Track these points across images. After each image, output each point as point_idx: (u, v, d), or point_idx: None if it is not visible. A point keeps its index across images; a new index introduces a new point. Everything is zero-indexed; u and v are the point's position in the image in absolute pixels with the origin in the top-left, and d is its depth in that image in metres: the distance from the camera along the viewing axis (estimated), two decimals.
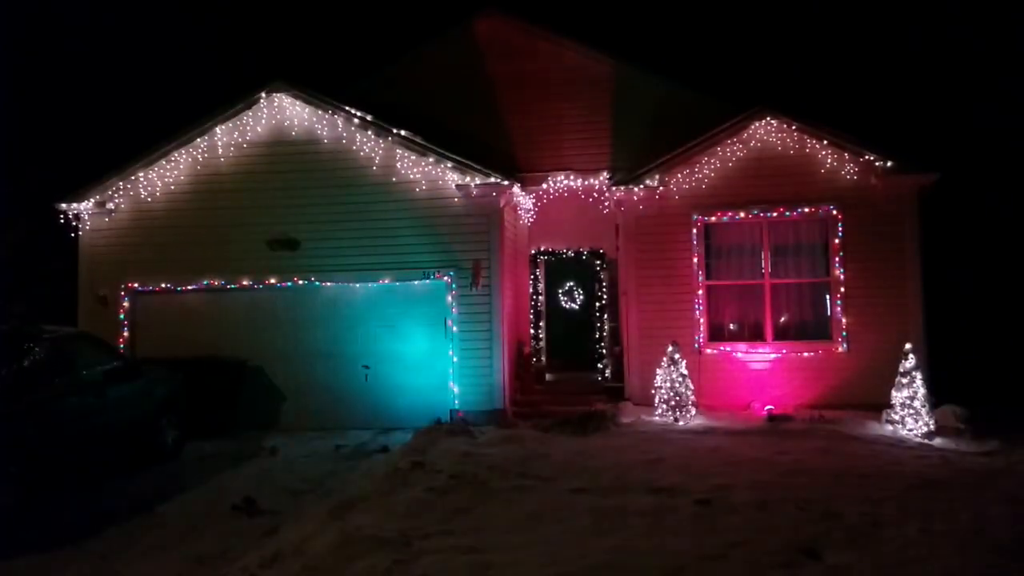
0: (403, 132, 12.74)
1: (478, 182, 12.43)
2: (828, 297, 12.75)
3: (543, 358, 15.09)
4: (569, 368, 14.86)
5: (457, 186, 12.50)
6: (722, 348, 12.85)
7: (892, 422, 10.91)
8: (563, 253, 15.14)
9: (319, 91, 13.18)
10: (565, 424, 11.37)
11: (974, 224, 18.21)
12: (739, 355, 12.78)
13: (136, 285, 13.22)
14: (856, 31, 25.42)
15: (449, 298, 12.55)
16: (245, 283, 13.00)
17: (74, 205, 13.26)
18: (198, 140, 13.13)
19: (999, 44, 21.00)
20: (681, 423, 11.52)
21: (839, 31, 25.43)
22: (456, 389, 12.44)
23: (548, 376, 14.73)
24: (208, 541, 6.78)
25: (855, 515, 6.71)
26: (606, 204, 13.99)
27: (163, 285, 13.16)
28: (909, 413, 10.70)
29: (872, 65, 23.49)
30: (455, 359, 12.48)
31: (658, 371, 11.94)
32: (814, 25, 25.17)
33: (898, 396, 10.86)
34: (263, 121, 13.07)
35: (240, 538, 6.74)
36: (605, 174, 14.29)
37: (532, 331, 14.99)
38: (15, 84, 22.59)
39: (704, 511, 6.96)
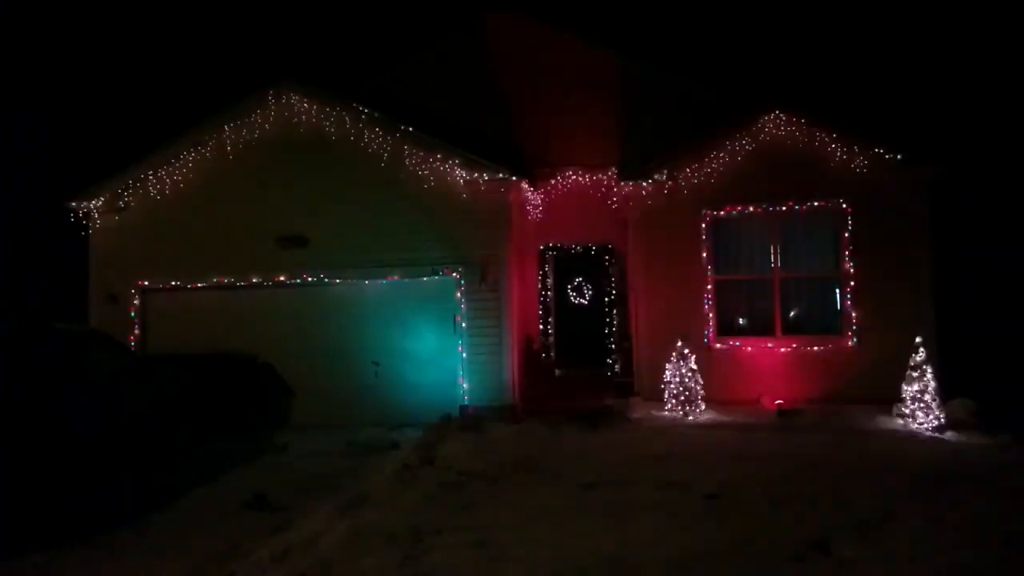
0: (411, 129, 12.74)
1: (486, 178, 12.44)
2: (838, 291, 12.70)
3: (552, 354, 15.09)
4: (578, 363, 14.86)
5: (465, 182, 12.50)
6: (732, 343, 12.82)
7: (903, 416, 10.87)
8: (572, 248, 15.13)
9: (328, 88, 13.20)
10: (574, 419, 11.38)
11: (985, 216, 18.10)
12: (749, 349, 12.75)
13: (146, 283, 13.28)
14: (864, 24, 25.29)
15: (458, 294, 12.56)
16: (255, 280, 13.05)
17: (84, 203, 13.32)
18: (207, 138, 13.17)
19: (1008, 35, 20.85)
20: (691, 418, 11.51)
21: (847, 25, 25.31)
22: (466, 385, 12.46)
23: (557, 371, 14.75)
24: (219, 537, 6.80)
25: (865, 509, 6.71)
26: (615, 199, 13.97)
27: (173, 283, 13.22)
28: (920, 407, 10.66)
29: (881, 58, 23.37)
30: (464, 355, 12.49)
31: (667, 366, 11.92)
32: (822, 19, 25.06)
33: (908, 390, 10.81)
34: (272, 118, 13.09)
35: (251, 534, 6.77)
36: (614, 169, 14.27)
37: (541, 327, 15.00)
38: (26, 83, 22.72)
39: (713, 505, 6.97)
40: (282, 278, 12.99)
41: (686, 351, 11.79)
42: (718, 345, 12.80)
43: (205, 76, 25.51)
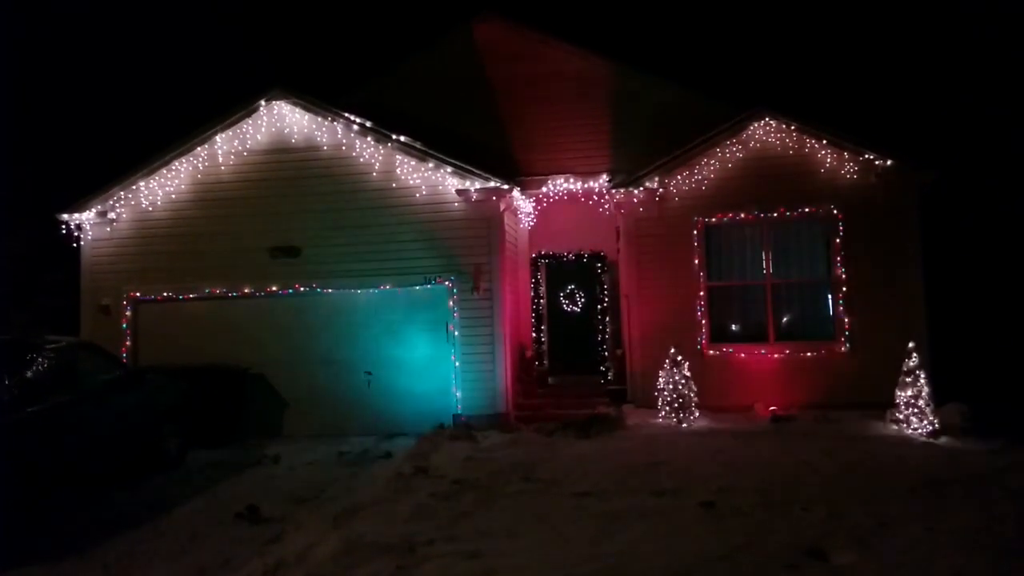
0: (402, 138, 12.74)
1: (478, 186, 12.43)
2: (830, 297, 12.72)
3: (545, 361, 15.05)
4: (571, 371, 14.82)
5: (457, 191, 12.50)
6: (725, 349, 12.81)
7: (896, 421, 10.87)
8: (564, 256, 15.12)
9: (318, 98, 13.19)
10: (568, 427, 11.35)
11: (976, 220, 18.17)
12: (742, 356, 12.74)
13: (138, 294, 13.23)
14: (854, 29, 25.44)
15: (450, 303, 12.54)
16: (247, 291, 13.01)
17: (76, 215, 13.28)
18: (198, 148, 13.15)
19: (998, 39, 20.99)
20: (684, 425, 11.50)
21: (837, 30, 25.46)
22: (458, 394, 12.42)
23: (550, 379, 14.70)
24: (211, 549, 6.76)
25: (860, 515, 6.70)
26: (606, 206, 13.97)
27: (165, 294, 13.17)
28: (913, 412, 10.67)
29: (871, 63, 23.51)
30: (457, 364, 12.46)
31: (661, 373, 11.92)
32: (812, 25, 25.20)
33: (902, 395, 10.82)
34: (263, 129, 13.08)
35: (243, 546, 6.73)
36: (605, 176, 14.28)
37: (534, 334, 14.97)
38: (17, 94, 22.66)
39: (709, 513, 6.95)
40: (274, 288, 12.95)
41: (679, 358, 11.78)
42: (711, 352, 12.79)
43: (196, 86, 25.50)
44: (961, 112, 20.24)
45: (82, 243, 13.42)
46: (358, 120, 12.84)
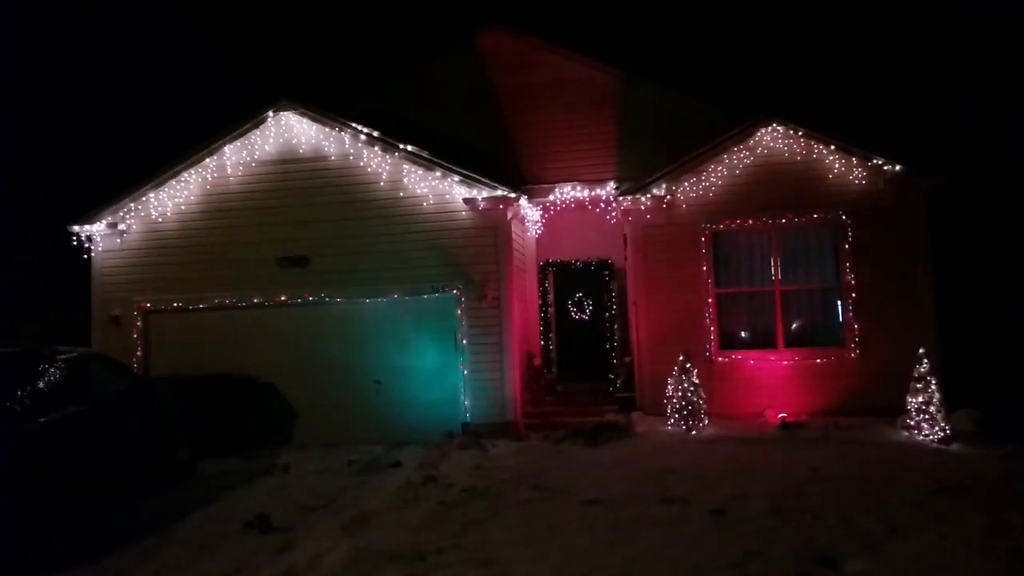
0: (409, 147, 12.79)
1: (485, 195, 12.46)
2: (839, 303, 12.67)
3: (553, 369, 15.06)
4: (580, 379, 14.81)
5: (464, 200, 12.53)
6: (734, 356, 12.78)
7: (907, 428, 10.81)
8: (571, 264, 15.13)
9: (326, 109, 13.26)
10: (577, 435, 11.33)
11: (981, 221, 18.10)
12: (751, 363, 12.71)
13: (148, 304, 13.29)
14: (861, 35, 25.43)
15: (458, 311, 12.56)
16: (256, 300, 13.05)
17: (86, 227, 13.36)
18: (207, 159, 13.22)
19: (1006, 43, 20.95)
20: (694, 432, 11.46)
21: (844, 36, 25.45)
22: (467, 402, 12.43)
23: (559, 387, 14.71)
24: (221, 558, 6.77)
25: (871, 522, 6.67)
26: (613, 214, 13.97)
27: (175, 304, 13.23)
28: (924, 418, 10.60)
29: (878, 69, 23.49)
30: (465, 372, 12.47)
31: (669, 380, 11.88)
32: (819, 31, 25.21)
33: (913, 401, 10.76)
34: (271, 139, 13.15)
35: (253, 555, 6.74)
36: (612, 184, 14.28)
37: (542, 342, 14.97)
38: (26, 105, 22.84)
39: (719, 521, 6.93)
40: (283, 298, 12.99)
41: (688, 365, 11.75)
42: (720, 359, 12.77)
43: (203, 98, 25.65)
44: (962, 112, 20.20)
45: (92, 254, 13.50)
46: (365, 130, 12.89)
